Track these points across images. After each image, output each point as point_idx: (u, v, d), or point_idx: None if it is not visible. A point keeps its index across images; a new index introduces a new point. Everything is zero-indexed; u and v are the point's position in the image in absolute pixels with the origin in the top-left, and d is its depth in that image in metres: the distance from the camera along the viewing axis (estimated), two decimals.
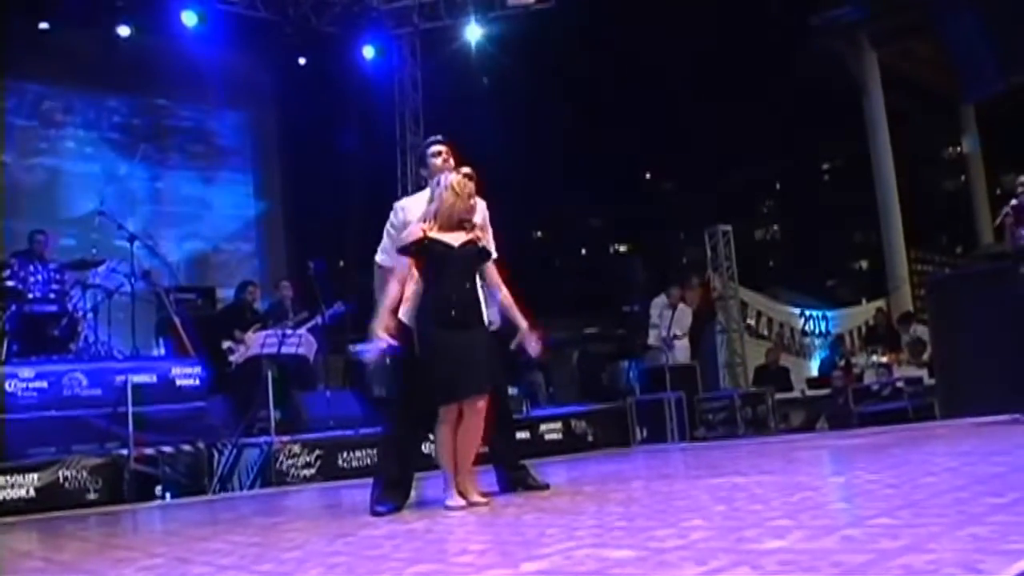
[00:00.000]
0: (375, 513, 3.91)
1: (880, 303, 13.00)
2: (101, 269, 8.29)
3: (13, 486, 6.23)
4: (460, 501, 3.79)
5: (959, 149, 18.70)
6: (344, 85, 12.59)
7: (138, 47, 11.35)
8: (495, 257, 4.21)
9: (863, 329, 12.46)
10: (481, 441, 3.99)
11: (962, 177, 18.72)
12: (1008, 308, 6.61)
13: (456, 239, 3.93)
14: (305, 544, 3.19)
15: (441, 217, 3.94)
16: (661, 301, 10.33)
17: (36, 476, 6.32)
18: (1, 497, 6.19)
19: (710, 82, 17.33)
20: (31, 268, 7.77)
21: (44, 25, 10.63)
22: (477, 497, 3.86)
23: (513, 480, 4.37)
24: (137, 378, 7.21)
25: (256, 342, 7.68)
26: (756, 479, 4.12)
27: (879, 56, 13.20)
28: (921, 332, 10.19)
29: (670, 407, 9.13)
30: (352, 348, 9.67)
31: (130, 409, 6.81)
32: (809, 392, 10.67)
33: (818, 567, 1.83)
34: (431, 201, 4.04)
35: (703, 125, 18.46)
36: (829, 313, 13.03)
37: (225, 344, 8.41)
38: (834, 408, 9.75)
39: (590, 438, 9.36)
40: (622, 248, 26.61)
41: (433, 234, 3.91)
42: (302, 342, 7.73)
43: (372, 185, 12.14)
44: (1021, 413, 6.10)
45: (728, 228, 10.95)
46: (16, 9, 10.25)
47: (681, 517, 2.84)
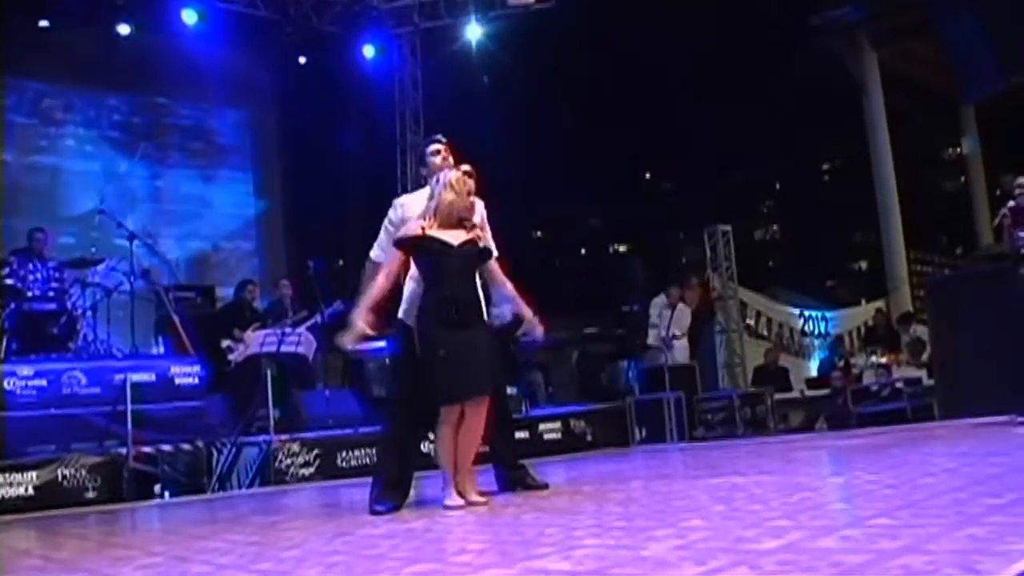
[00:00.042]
0: (374, 512, 3.91)
1: (879, 304, 13.00)
2: (100, 267, 8.28)
3: (12, 484, 6.23)
4: (459, 500, 3.78)
5: (959, 150, 18.70)
6: (344, 84, 12.58)
7: (138, 45, 11.34)
8: (496, 256, 4.21)
9: (862, 330, 12.46)
10: (481, 441, 4.00)
11: (962, 178, 18.72)
12: (1007, 309, 6.61)
13: (456, 238, 3.91)
14: (304, 543, 3.19)
15: (440, 215, 3.93)
16: (660, 301, 10.33)
17: (35, 474, 6.32)
18: (0, 495, 6.19)
19: (710, 82, 17.32)
20: (30, 266, 7.76)
21: (44, 23, 10.62)
22: (476, 497, 3.86)
23: (512, 480, 4.37)
24: (136, 376, 7.21)
25: (255, 341, 7.67)
26: (755, 479, 4.12)
27: (879, 56, 13.20)
28: (921, 332, 10.19)
29: (669, 407, 9.13)
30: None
31: (129, 407, 6.80)
32: (808, 392, 10.67)
33: (817, 567, 1.84)
34: (431, 199, 4.03)
35: (703, 125, 18.45)
36: (828, 313, 13.03)
37: (224, 343, 8.41)
38: (833, 408, 9.74)
39: (589, 438, 9.35)
40: (622, 248, 26.57)
41: (432, 232, 3.90)
42: (301, 341, 7.72)
43: (372, 184, 12.13)
44: (1018, 414, 6.10)
45: (728, 228, 10.96)
46: (16, 7, 10.24)
47: (680, 517, 2.84)
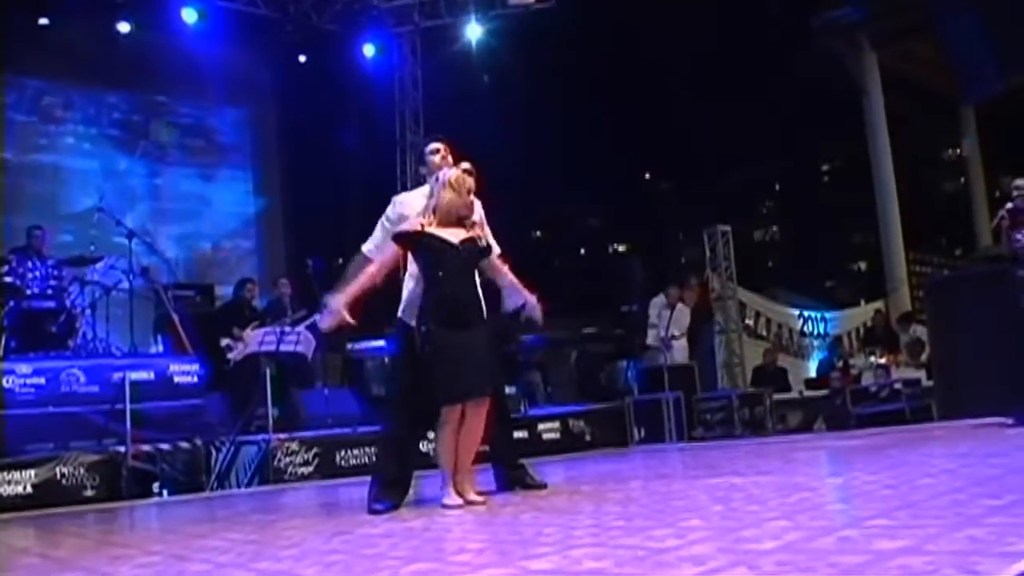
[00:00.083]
0: (373, 511, 3.91)
1: (879, 304, 13.01)
2: (99, 266, 8.27)
3: (10, 482, 6.22)
4: (457, 500, 3.78)
5: (958, 151, 18.72)
6: (344, 83, 12.57)
7: (138, 44, 11.33)
8: (498, 252, 4.22)
9: (861, 330, 12.47)
10: (481, 440, 4.00)
11: (961, 179, 18.74)
12: (1006, 311, 6.61)
13: (455, 235, 3.90)
14: (302, 542, 3.19)
15: (440, 213, 3.92)
16: (660, 301, 10.33)
17: (33, 472, 6.31)
18: None
19: (710, 82, 17.32)
20: (29, 264, 7.76)
21: (44, 21, 10.61)
22: (474, 496, 3.85)
23: (511, 479, 4.37)
24: (135, 375, 7.21)
25: (254, 340, 7.67)
26: (754, 479, 4.12)
27: (879, 57, 13.21)
28: (920, 333, 10.19)
29: (668, 407, 9.13)
30: (350, 346, 9.68)
31: (128, 406, 6.80)
32: (807, 393, 10.67)
33: (815, 567, 1.83)
34: (430, 197, 4.02)
35: (703, 125, 18.45)
36: (828, 314, 13.04)
37: (223, 342, 8.41)
38: (832, 409, 9.74)
39: (588, 438, 9.35)
40: (621, 248, 26.57)
41: (432, 230, 3.90)
42: (300, 340, 7.72)
43: (371, 183, 12.11)
44: (1009, 416, 6.12)
45: (727, 228, 10.96)
46: (16, 4, 10.24)
47: (679, 517, 2.84)
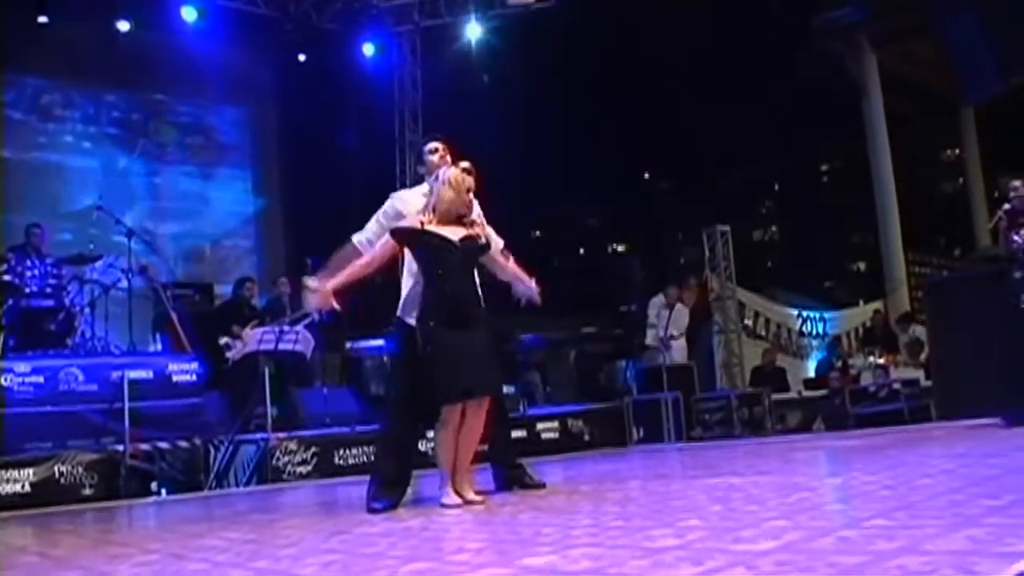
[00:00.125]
0: (371, 510, 3.91)
1: (878, 305, 13.01)
2: (98, 264, 8.26)
3: (8, 481, 6.22)
4: (456, 499, 3.78)
5: (958, 151, 18.73)
6: (344, 82, 12.57)
7: (138, 42, 11.31)
8: (502, 245, 4.24)
9: (860, 330, 12.46)
10: (480, 439, 3.99)
11: (960, 179, 18.76)
12: (1005, 311, 6.61)
13: (455, 234, 3.89)
14: (301, 541, 3.19)
15: (440, 212, 3.91)
16: (659, 301, 10.32)
17: (31, 471, 6.31)
18: None
19: (709, 82, 17.33)
20: (28, 262, 7.75)
21: (43, 19, 10.58)
22: (473, 496, 3.85)
23: (510, 479, 4.37)
24: (133, 374, 7.20)
25: (253, 339, 7.67)
26: (752, 479, 4.12)
27: (878, 57, 13.22)
28: (920, 332, 10.18)
29: (667, 407, 9.12)
30: (349, 345, 9.67)
31: (126, 405, 6.80)
32: (806, 393, 10.66)
33: (814, 568, 1.83)
34: (430, 195, 4.02)
35: (702, 125, 18.47)
36: (827, 314, 13.03)
37: (222, 340, 8.39)
38: (831, 409, 9.74)
39: (587, 437, 9.35)
40: (620, 248, 26.60)
41: (432, 228, 3.89)
42: (299, 339, 7.72)
43: (371, 182, 12.09)
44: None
45: (726, 228, 10.94)
46: (15, 2, 10.23)
47: (677, 517, 2.84)
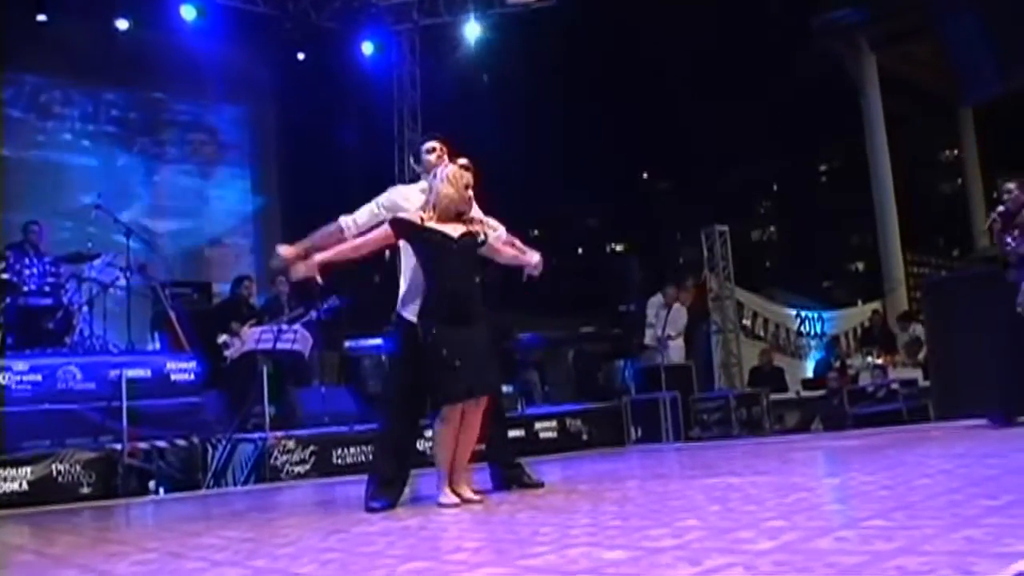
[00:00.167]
0: (369, 509, 3.90)
1: (876, 305, 13.02)
2: (97, 262, 8.25)
3: (6, 479, 6.21)
4: (454, 499, 3.77)
5: (956, 152, 18.74)
6: (343, 81, 12.56)
7: (137, 41, 11.31)
8: (502, 234, 4.24)
9: (858, 331, 12.48)
10: (477, 439, 3.99)
11: (959, 180, 18.77)
12: (1003, 311, 6.62)
13: (455, 231, 3.90)
14: (299, 540, 3.19)
15: (439, 209, 3.90)
16: (657, 301, 10.30)
17: (29, 470, 6.30)
18: None
19: (709, 82, 17.34)
20: (26, 261, 7.74)
21: (42, 17, 10.58)
22: (471, 495, 3.85)
23: (508, 478, 4.37)
24: (132, 372, 7.19)
25: (251, 338, 7.66)
26: (751, 480, 4.12)
27: (878, 58, 13.23)
28: (920, 332, 10.18)
29: (665, 407, 9.11)
30: (347, 344, 9.67)
31: (124, 403, 6.78)
32: (804, 393, 10.66)
33: (812, 568, 1.83)
34: (429, 192, 4.02)
35: (701, 125, 18.48)
36: (825, 314, 13.04)
37: (221, 337, 8.38)
38: (829, 409, 9.74)
39: (585, 437, 9.34)
40: (619, 247, 26.63)
41: (432, 224, 3.89)
42: (297, 338, 7.71)
43: (370, 181, 12.04)
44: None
45: (725, 228, 10.94)
46: (15, 1, 10.22)
47: (676, 517, 2.84)
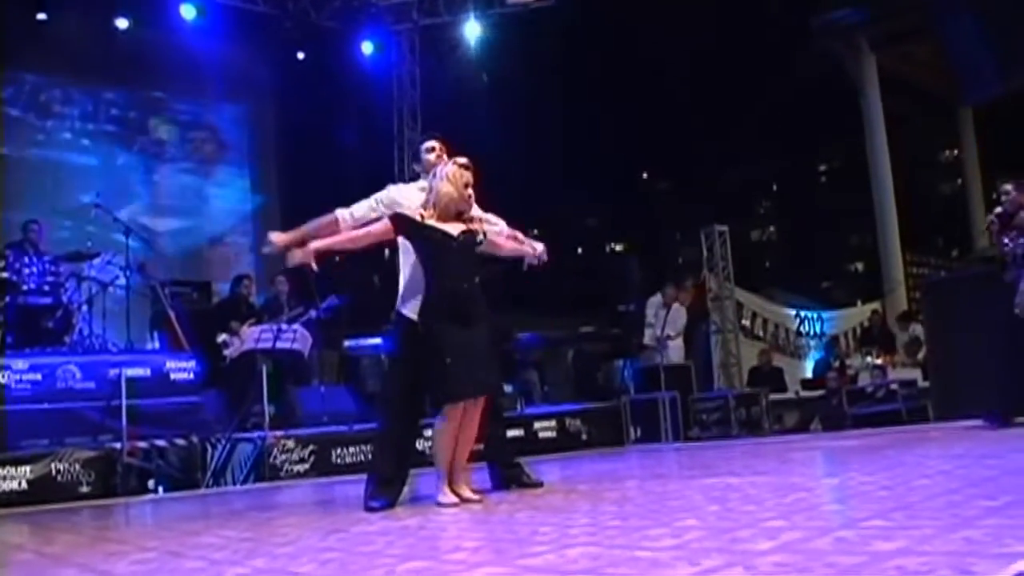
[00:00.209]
0: (369, 509, 3.90)
1: (875, 305, 13.03)
2: (96, 261, 8.26)
3: (5, 478, 6.21)
4: (453, 498, 3.77)
5: (956, 152, 18.76)
6: (342, 80, 12.57)
7: (136, 40, 11.30)
8: (502, 228, 4.24)
9: (858, 331, 12.48)
10: (476, 438, 3.99)
11: (959, 180, 18.78)
12: (1002, 312, 6.62)
13: (455, 229, 3.90)
14: (298, 539, 3.19)
15: (439, 208, 3.91)
16: (656, 301, 10.31)
17: (28, 469, 6.30)
18: None
19: (708, 82, 17.32)
20: (26, 260, 7.74)
21: (42, 16, 10.57)
22: (470, 494, 3.85)
23: (507, 478, 4.37)
24: (131, 371, 7.20)
25: (251, 337, 7.66)
26: (750, 480, 4.12)
27: (877, 59, 13.24)
28: (920, 331, 10.18)
29: (664, 407, 9.12)
30: (347, 344, 9.67)
31: (124, 402, 6.78)
32: (803, 393, 10.67)
33: (811, 568, 1.83)
34: (429, 192, 4.02)
35: (701, 125, 18.46)
36: (824, 314, 13.05)
37: (220, 337, 8.38)
38: (828, 409, 9.75)
39: (584, 437, 9.34)
40: (618, 247, 26.62)
41: (432, 223, 3.89)
42: (297, 337, 7.71)
43: (369, 181, 12.01)
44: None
45: (724, 228, 10.94)
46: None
47: (675, 517, 2.84)
